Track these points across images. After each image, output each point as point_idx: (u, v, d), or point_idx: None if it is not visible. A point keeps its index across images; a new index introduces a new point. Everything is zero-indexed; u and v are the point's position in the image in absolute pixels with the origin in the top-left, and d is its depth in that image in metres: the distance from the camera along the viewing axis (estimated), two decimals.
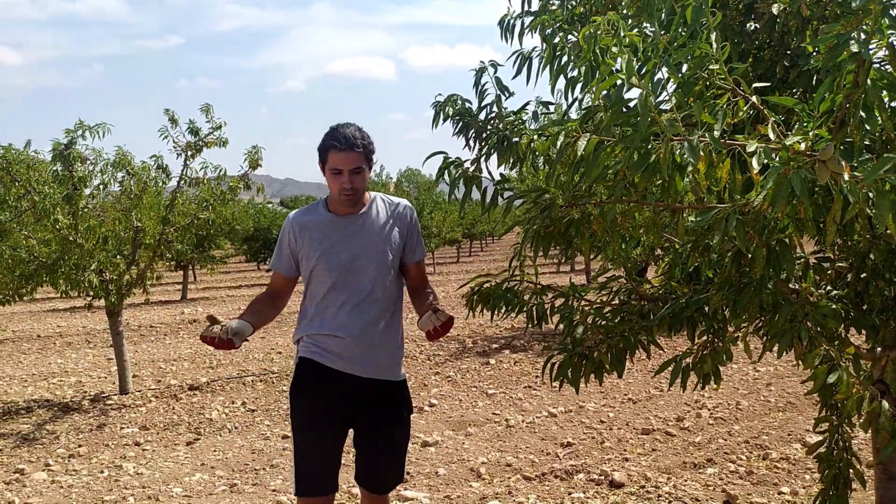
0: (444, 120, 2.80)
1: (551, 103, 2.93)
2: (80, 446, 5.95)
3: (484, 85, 2.77)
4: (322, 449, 2.91)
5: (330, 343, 2.85)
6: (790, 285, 2.27)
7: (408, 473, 5.00)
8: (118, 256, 7.46)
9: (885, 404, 2.18)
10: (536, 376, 7.79)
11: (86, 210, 7.23)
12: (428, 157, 2.69)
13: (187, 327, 12.81)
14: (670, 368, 2.52)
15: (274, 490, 4.81)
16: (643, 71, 1.89)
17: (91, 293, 7.35)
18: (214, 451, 5.74)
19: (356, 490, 4.66)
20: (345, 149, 2.77)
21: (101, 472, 5.30)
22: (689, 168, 1.80)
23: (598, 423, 6.06)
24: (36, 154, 7.44)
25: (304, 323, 2.94)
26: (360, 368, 2.86)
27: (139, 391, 7.80)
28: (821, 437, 2.80)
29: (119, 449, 5.87)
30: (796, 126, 1.91)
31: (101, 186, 7.55)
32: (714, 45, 1.87)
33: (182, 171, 7.69)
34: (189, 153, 7.56)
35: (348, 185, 2.80)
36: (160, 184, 7.87)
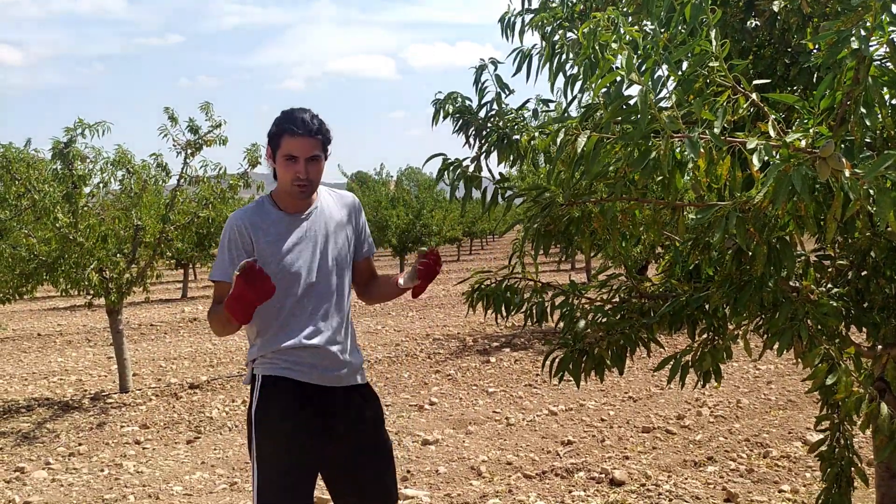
0: (444, 118, 2.80)
1: (551, 101, 2.92)
2: (80, 445, 5.95)
3: (484, 82, 2.76)
4: (307, 480, 2.57)
5: (303, 355, 2.57)
6: (791, 283, 2.27)
7: (408, 472, 5.00)
8: (118, 255, 7.46)
9: (884, 406, 2.18)
10: (537, 374, 7.78)
11: (86, 208, 7.23)
12: (427, 160, 2.68)
13: (188, 326, 12.82)
14: (670, 365, 2.51)
15: None
16: (643, 68, 1.88)
17: (91, 292, 7.36)
18: (215, 449, 5.74)
19: None
20: (302, 134, 2.50)
21: (102, 470, 5.30)
22: (690, 165, 1.80)
23: (598, 422, 6.06)
24: (36, 152, 7.45)
25: (268, 337, 2.59)
26: (333, 377, 2.61)
27: (139, 390, 7.80)
28: (822, 436, 2.80)
29: (119, 447, 5.87)
30: (797, 123, 1.90)
31: (101, 185, 7.57)
32: (714, 43, 1.86)
33: (182, 169, 7.70)
34: (189, 151, 7.55)
35: (303, 175, 2.51)
36: (160, 182, 7.88)
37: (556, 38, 2.62)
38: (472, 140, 2.76)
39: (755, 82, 1.98)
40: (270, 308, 2.53)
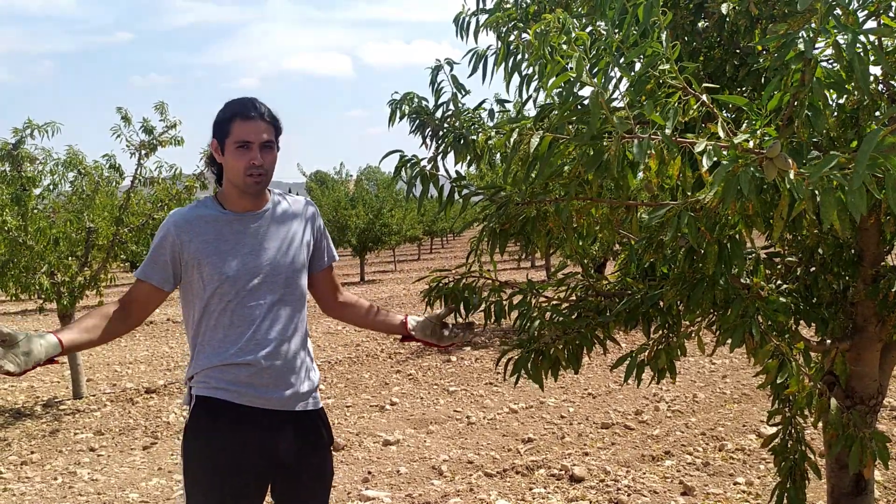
0: (401, 118, 2.79)
1: (508, 101, 2.93)
2: (32, 453, 5.81)
3: (440, 83, 2.76)
4: None
5: (238, 373, 2.28)
6: (742, 280, 2.31)
7: (369, 473, 4.98)
8: (70, 258, 7.30)
9: (833, 402, 2.23)
10: (497, 373, 7.82)
11: (36, 211, 7.08)
12: (384, 157, 2.67)
13: (143, 329, 12.59)
14: (627, 363, 2.54)
15: None
16: (595, 69, 1.90)
17: (42, 296, 7.19)
18: (172, 454, 5.65)
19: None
20: (254, 117, 2.28)
21: (55, 478, 5.18)
22: (642, 166, 1.82)
23: (558, 419, 6.10)
24: None
25: (205, 353, 2.31)
26: (276, 400, 2.32)
27: (94, 395, 7.65)
28: (774, 430, 2.85)
29: (73, 455, 5.75)
30: (745, 124, 1.94)
31: (52, 187, 7.40)
32: (665, 44, 1.89)
33: (136, 170, 7.57)
34: (143, 152, 7.44)
35: (258, 162, 2.27)
36: (113, 184, 7.73)
37: (511, 38, 2.63)
38: (428, 140, 2.75)
39: (705, 84, 2.01)
40: (208, 319, 2.31)
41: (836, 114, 2.07)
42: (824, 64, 1.84)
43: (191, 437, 2.32)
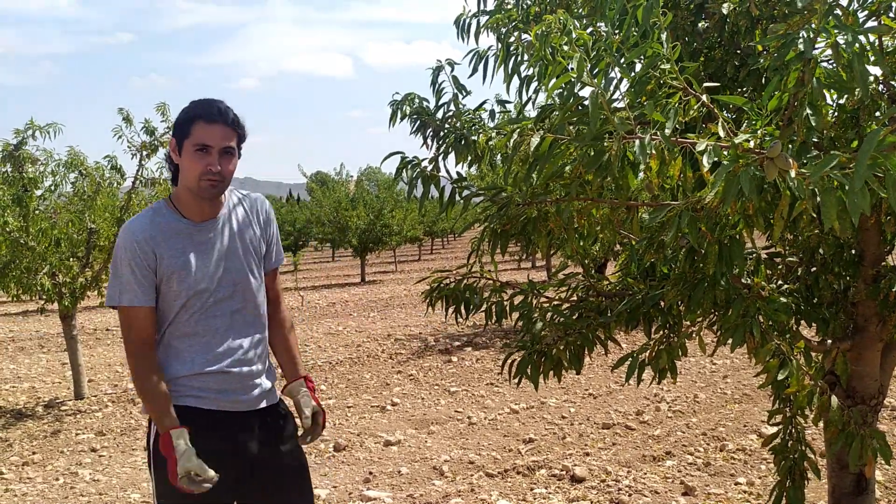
0: (402, 119, 2.79)
1: (509, 102, 2.94)
2: (34, 454, 5.82)
3: (441, 83, 2.76)
4: None
5: (207, 381, 2.29)
6: (743, 280, 2.31)
7: (370, 473, 4.99)
8: (72, 259, 7.31)
9: (835, 399, 2.23)
10: (498, 373, 7.82)
11: (37, 212, 7.08)
12: (385, 158, 2.67)
13: None
14: (627, 363, 2.55)
15: None
16: (596, 70, 1.91)
17: (44, 297, 7.20)
18: None
19: (319, 491, 4.64)
20: (217, 120, 2.22)
21: (57, 479, 5.19)
22: (642, 166, 1.82)
23: (559, 419, 6.10)
24: None
25: (172, 363, 2.30)
26: (244, 401, 2.34)
27: (95, 396, 7.65)
28: (775, 430, 2.86)
29: (75, 455, 5.75)
30: (746, 124, 1.94)
31: (53, 188, 7.40)
32: (665, 45, 1.89)
33: (137, 171, 7.57)
34: (144, 153, 7.43)
35: (216, 168, 2.21)
36: (114, 184, 7.73)
37: (512, 39, 2.63)
38: (429, 141, 2.76)
39: (706, 84, 2.01)
40: (172, 329, 2.30)
41: (836, 114, 2.07)
42: (824, 64, 1.85)
43: (157, 451, 2.25)
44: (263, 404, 2.41)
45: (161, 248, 2.25)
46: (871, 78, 1.85)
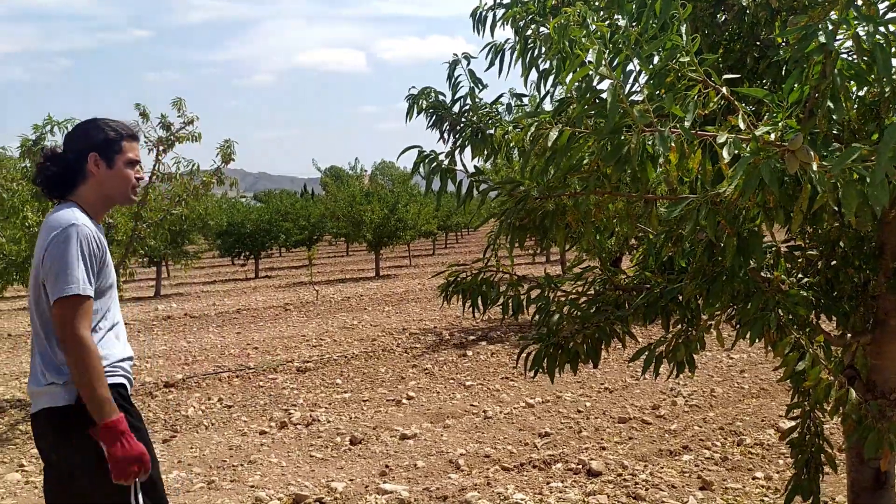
0: (419, 113, 2.80)
1: (525, 95, 2.93)
2: None
3: (457, 77, 2.77)
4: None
5: (127, 363, 2.52)
6: (762, 274, 2.30)
7: (386, 466, 5.01)
8: None
9: (852, 392, 2.22)
10: (513, 367, 7.82)
11: None
12: (402, 152, 2.68)
13: (161, 324, 12.70)
14: (644, 356, 2.54)
15: (252, 486, 4.79)
16: (614, 63, 1.90)
17: None
18: (191, 447, 5.70)
19: (335, 484, 4.66)
20: (138, 139, 2.56)
21: None
22: (661, 159, 1.82)
23: (575, 413, 6.10)
24: (3, 150, 7.33)
25: (116, 347, 2.49)
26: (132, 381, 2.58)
27: None
28: (793, 423, 2.84)
29: None
30: (766, 116, 1.93)
31: None
32: (684, 37, 1.88)
33: (154, 166, 7.61)
34: (161, 148, 7.47)
35: (144, 179, 2.43)
36: None
37: (529, 32, 2.63)
38: (446, 135, 2.76)
39: (725, 76, 2.00)
40: (104, 321, 2.46)
41: (856, 106, 2.06)
42: (845, 56, 1.83)
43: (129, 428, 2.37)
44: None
45: (103, 245, 2.43)
46: (893, 69, 1.83)
